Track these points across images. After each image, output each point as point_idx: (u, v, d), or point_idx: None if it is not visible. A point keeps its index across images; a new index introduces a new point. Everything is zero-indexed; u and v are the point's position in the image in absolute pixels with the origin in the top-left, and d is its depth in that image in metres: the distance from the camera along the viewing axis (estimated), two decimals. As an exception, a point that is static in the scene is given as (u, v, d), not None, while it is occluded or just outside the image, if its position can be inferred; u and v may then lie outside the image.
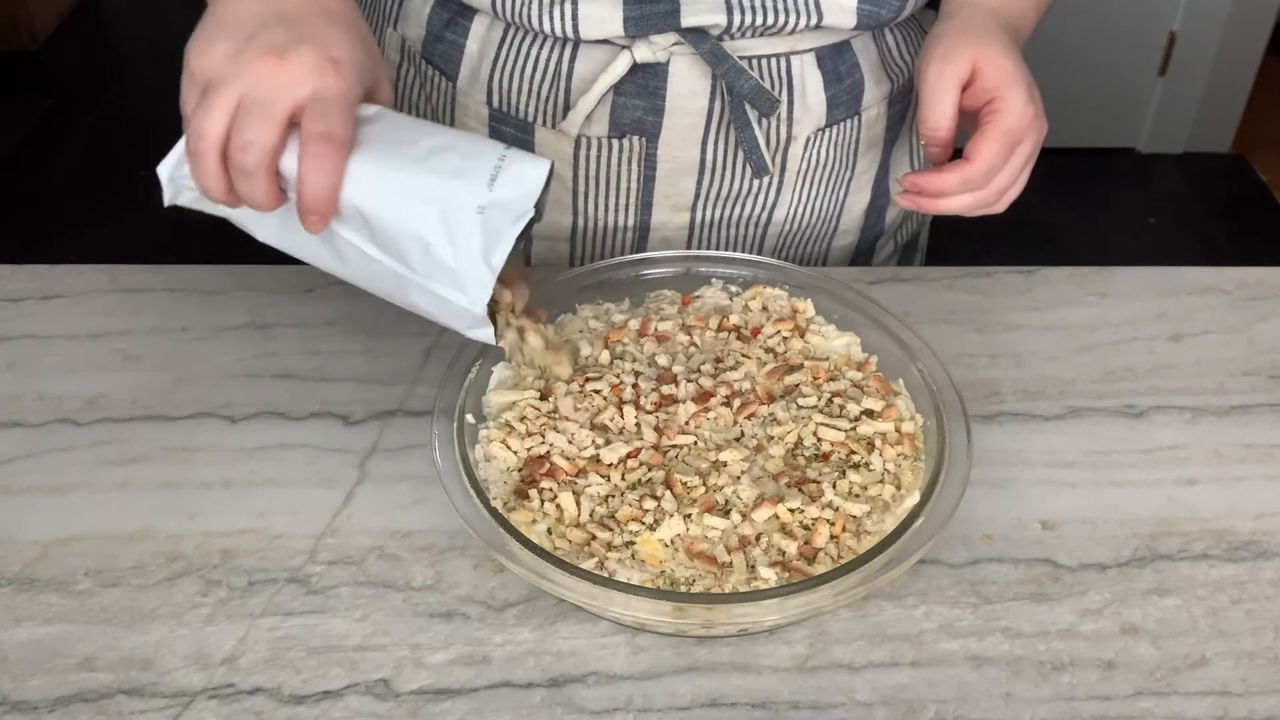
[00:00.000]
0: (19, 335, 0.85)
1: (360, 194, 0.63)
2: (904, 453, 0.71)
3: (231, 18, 0.65)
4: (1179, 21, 2.66)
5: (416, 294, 0.66)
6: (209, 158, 0.62)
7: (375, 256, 0.65)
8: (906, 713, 0.63)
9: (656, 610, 0.61)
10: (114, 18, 3.45)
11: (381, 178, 0.63)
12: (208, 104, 0.62)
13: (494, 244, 0.63)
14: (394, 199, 0.63)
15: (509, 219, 0.63)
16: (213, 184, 0.63)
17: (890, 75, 0.91)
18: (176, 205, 0.70)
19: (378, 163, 0.63)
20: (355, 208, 0.63)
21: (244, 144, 0.61)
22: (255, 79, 0.62)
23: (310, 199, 0.62)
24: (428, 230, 0.63)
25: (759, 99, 0.83)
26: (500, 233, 0.63)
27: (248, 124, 0.61)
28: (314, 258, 0.68)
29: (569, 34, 0.81)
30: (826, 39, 0.86)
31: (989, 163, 0.76)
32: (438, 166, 0.64)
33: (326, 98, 0.62)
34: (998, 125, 0.76)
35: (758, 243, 0.95)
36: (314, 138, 0.61)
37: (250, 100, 0.61)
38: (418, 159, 0.64)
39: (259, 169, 0.62)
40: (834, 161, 0.93)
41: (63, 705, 0.62)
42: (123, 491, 0.74)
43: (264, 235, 0.69)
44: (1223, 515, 0.74)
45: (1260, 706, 0.64)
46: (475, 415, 0.73)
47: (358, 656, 0.65)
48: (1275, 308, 0.91)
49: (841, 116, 0.90)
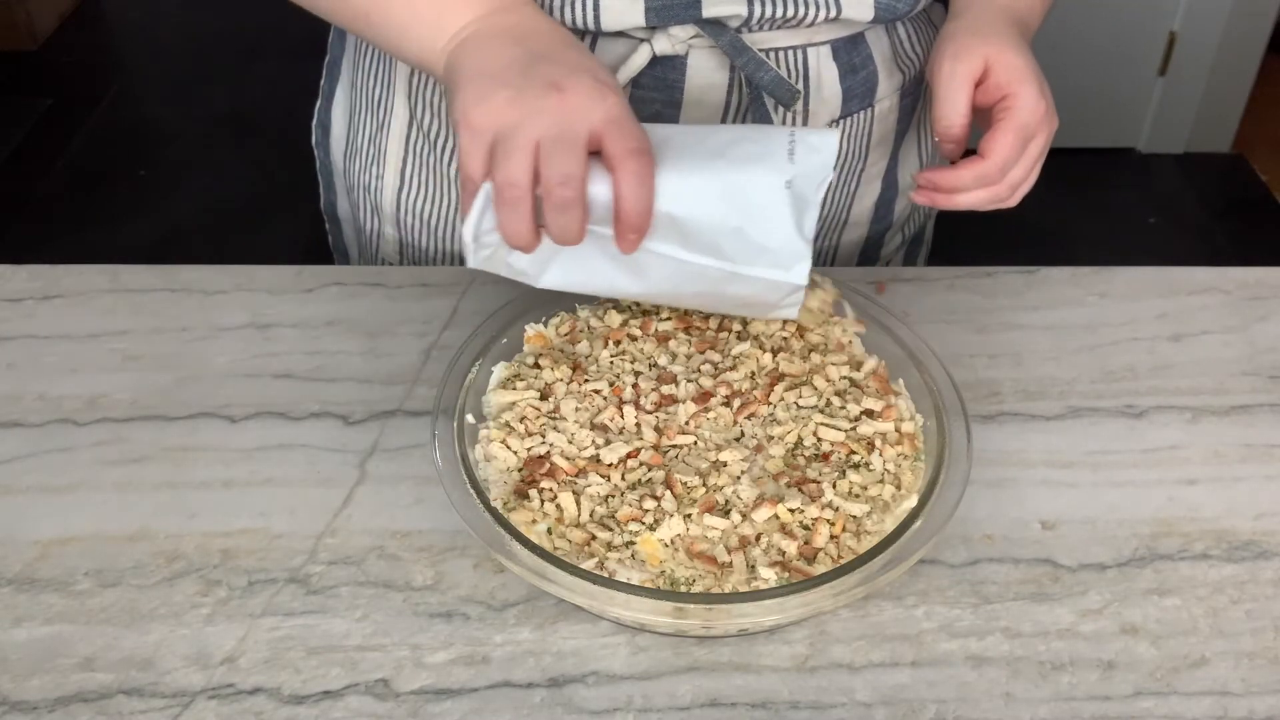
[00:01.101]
0: (19, 335, 0.85)
1: (669, 200, 0.65)
2: (904, 453, 0.71)
3: (494, 68, 0.66)
4: (1179, 21, 2.66)
5: (732, 286, 0.68)
6: (524, 203, 0.63)
7: (686, 259, 0.67)
8: (906, 713, 0.63)
9: (656, 610, 0.61)
10: (114, 18, 3.45)
11: (686, 179, 0.65)
12: (508, 151, 0.63)
13: (804, 213, 0.66)
14: (704, 196, 0.65)
15: (813, 185, 0.67)
16: (524, 229, 0.64)
17: (902, 67, 0.92)
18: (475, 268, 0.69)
19: (678, 167, 0.65)
20: (666, 214, 0.65)
21: (562, 178, 0.62)
22: (547, 117, 0.63)
23: (633, 214, 0.63)
24: (741, 217, 0.65)
25: (779, 90, 0.83)
26: (808, 200, 0.67)
27: (555, 159, 0.62)
28: (606, 283, 0.70)
29: (589, 25, 0.82)
30: (842, 31, 0.86)
31: (1004, 158, 0.77)
32: (737, 157, 0.66)
33: (617, 116, 0.64)
34: (1011, 121, 0.77)
35: None
36: (625, 154, 0.63)
37: (549, 137, 0.62)
38: (715, 154, 0.66)
39: (577, 200, 0.63)
40: (847, 154, 0.93)
41: (63, 705, 0.62)
42: (123, 491, 0.74)
43: (549, 279, 0.70)
44: (1223, 515, 0.74)
45: (1260, 706, 0.64)
46: (475, 415, 0.73)
47: (358, 656, 0.65)
48: (1275, 308, 0.91)
49: (855, 109, 0.91)
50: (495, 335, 0.76)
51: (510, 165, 0.63)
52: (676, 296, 0.73)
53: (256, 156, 2.70)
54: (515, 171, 0.63)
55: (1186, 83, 2.75)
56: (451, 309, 0.87)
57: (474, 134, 0.64)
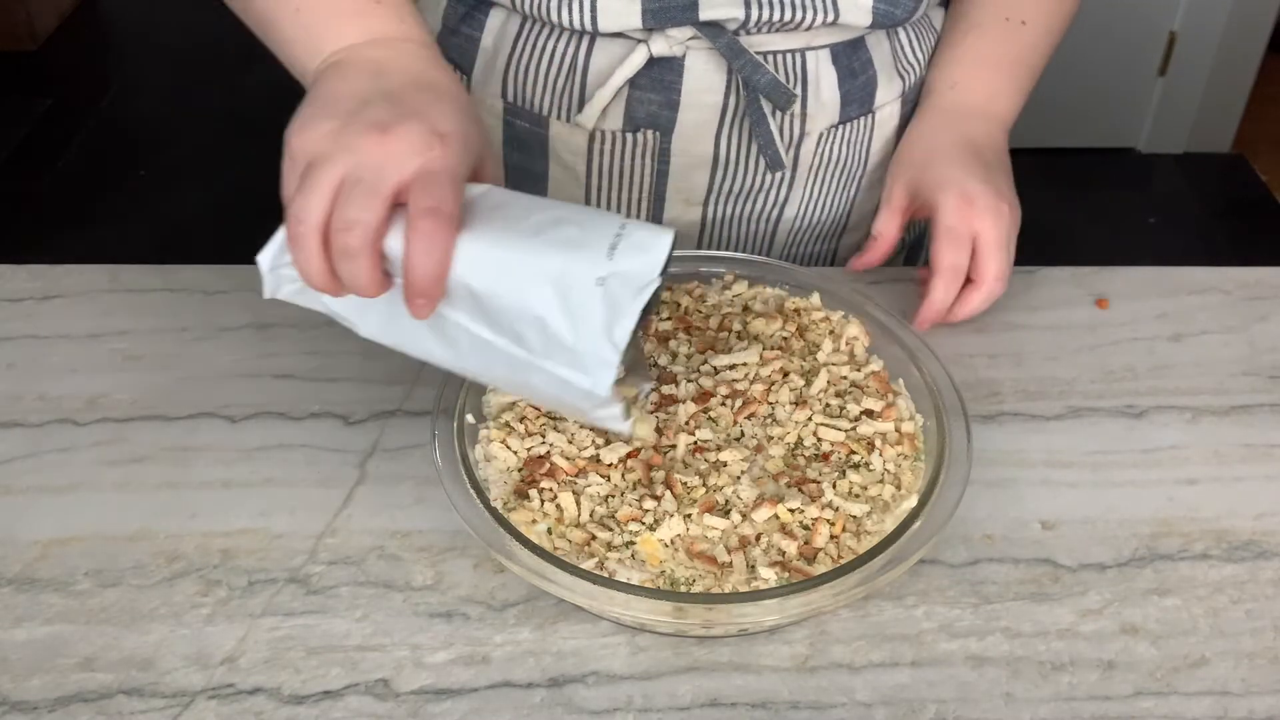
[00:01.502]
0: (19, 335, 0.85)
1: (471, 272, 0.59)
2: (904, 453, 0.71)
3: (333, 96, 0.63)
4: (1179, 21, 2.66)
5: (535, 377, 0.61)
6: (310, 240, 0.59)
7: (488, 339, 0.61)
8: (906, 713, 0.63)
9: (656, 610, 0.61)
10: (114, 18, 3.45)
11: (493, 254, 0.59)
12: (308, 184, 0.59)
13: (616, 318, 0.58)
14: (507, 275, 0.59)
15: (631, 290, 0.58)
16: (314, 269, 0.60)
17: (901, 73, 0.92)
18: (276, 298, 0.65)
19: (488, 238, 0.60)
20: (466, 287, 0.59)
21: (347, 223, 0.58)
22: (358, 156, 0.59)
23: (419, 279, 0.58)
24: (544, 306, 0.59)
25: (775, 93, 0.83)
26: (623, 305, 0.58)
27: (350, 202, 0.58)
28: (422, 349, 0.64)
29: (587, 26, 0.82)
30: (841, 35, 0.87)
31: (950, 261, 0.82)
32: (553, 239, 0.60)
33: (433, 171, 0.59)
34: (939, 229, 0.83)
35: (768, 239, 0.96)
36: (422, 213, 0.58)
37: (353, 178, 0.58)
38: (531, 232, 0.60)
39: (362, 250, 0.58)
40: (847, 159, 0.93)
41: (63, 705, 0.62)
42: (123, 491, 0.74)
43: (367, 330, 0.65)
44: (1223, 515, 0.74)
45: (1260, 706, 0.64)
46: (475, 415, 0.73)
47: (358, 656, 0.65)
48: (1275, 308, 0.91)
49: (855, 114, 0.91)
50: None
51: (303, 199, 0.59)
52: (490, 377, 0.66)
53: (256, 156, 2.68)
54: (306, 205, 0.59)
55: (1186, 83, 2.75)
56: (451, 309, 0.87)
57: (291, 159, 0.61)
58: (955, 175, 0.84)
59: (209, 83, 3.03)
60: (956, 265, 0.83)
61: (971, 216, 0.82)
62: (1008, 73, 0.92)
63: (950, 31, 0.94)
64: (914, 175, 0.87)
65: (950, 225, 0.82)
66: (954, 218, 0.82)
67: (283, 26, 0.70)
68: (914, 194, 0.86)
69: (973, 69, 0.92)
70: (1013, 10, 0.92)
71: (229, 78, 3.03)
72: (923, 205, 0.85)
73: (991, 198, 0.83)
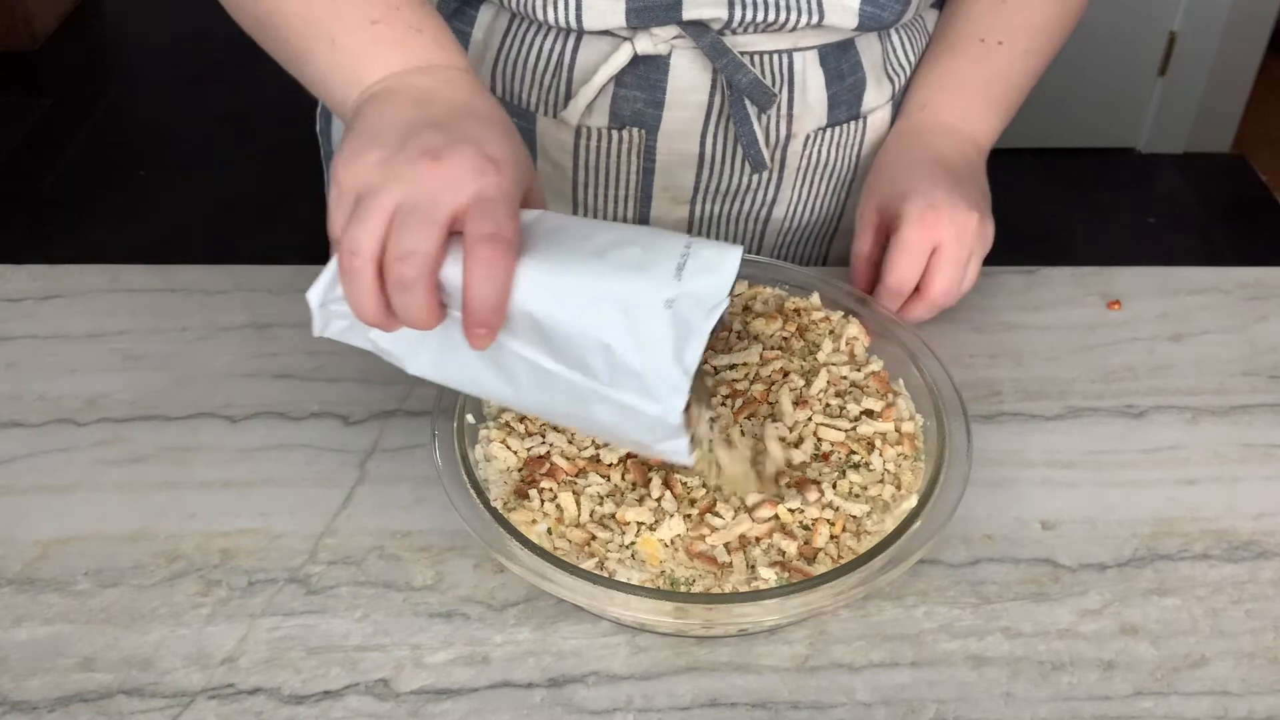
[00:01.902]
0: (19, 335, 0.85)
1: (532, 298, 0.57)
2: (904, 453, 0.71)
3: (379, 127, 0.61)
4: (1179, 21, 2.66)
5: (600, 408, 0.59)
6: (365, 273, 0.57)
7: (551, 369, 0.58)
8: (906, 713, 0.63)
9: (656, 610, 0.61)
10: (114, 18, 3.45)
11: (555, 279, 0.57)
12: (360, 215, 0.57)
13: (686, 341, 0.56)
14: (571, 300, 0.57)
15: (702, 311, 0.56)
16: (368, 304, 0.58)
17: (891, 77, 0.92)
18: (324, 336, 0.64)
19: (550, 264, 0.57)
20: (527, 315, 0.57)
21: (403, 253, 0.56)
22: (411, 184, 0.57)
23: (480, 307, 0.56)
24: (610, 332, 0.56)
25: (756, 93, 0.83)
26: (693, 327, 0.56)
27: (406, 231, 0.56)
28: (476, 384, 0.62)
29: (572, 24, 0.82)
30: (830, 37, 0.86)
31: (898, 275, 0.81)
32: (617, 261, 0.57)
33: (489, 197, 0.57)
34: (897, 240, 0.81)
35: (757, 239, 0.96)
36: (480, 240, 0.56)
37: (407, 207, 0.56)
38: (594, 255, 0.58)
39: (419, 280, 0.56)
40: (835, 162, 0.93)
41: (63, 705, 0.62)
42: (123, 491, 0.74)
43: (417, 367, 0.63)
44: (1223, 515, 0.74)
45: (1260, 706, 0.64)
46: (475, 415, 0.73)
47: (358, 656, 0.65)
48: (1275, 308, 0.91)
49: (844, 117, 0.90)
50: (495, 335, 0.76)
51: (355, 231, 0.57)
52: (549, 411, 0.63)
53: (256, 156, 2.69)
54: (359, 237, 0.57)
55: (1186, 83, 2.75)
56: (451, 309, 0.87)
57: (340, 192, 0.59)
58: (921, 186, 0.83)
59: (209, 83, 3.03)
60: (903, 281, 0.81)
61: (935, 227, 0.80)
62: (981, 93, 0.90)
63: (927, 53, 0.94)
64: (883, 191, 0.86)
65: (907, 238, 0.80)
66: (914, 229, 0.80)
67: (318, 58, 0.68)
68: (883, 209, 0.85)
69: (943, 90, 0.91)
70: (989, 31, 0.90)
71: (229, 78, 3.03)
72: (892, 218, 0.83)
73: (959, 209, 0.81)
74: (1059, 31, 0.92)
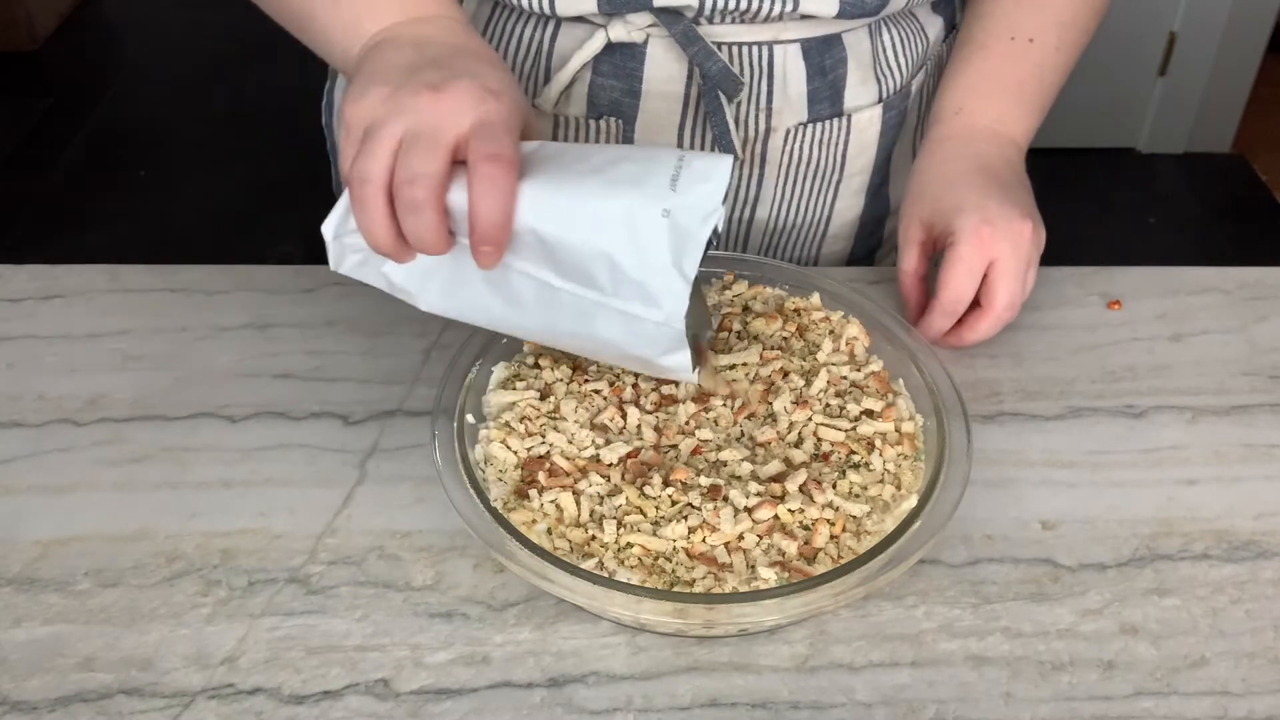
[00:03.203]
0: (19, 335, 0.85)
1: (535, 216, 0.60)
2: (904, 453, 0.71)
3: (381, 68, 0.65)
4: (1179, 21, 2.66)
5: (603, 322, 0.62)
6: (376, 200, 0.60)
7: (557, 285, 0.62)
8: (906, 713, 0.63)
9: (657, 610, 0.61)
10: (114, 18, 3.45)
11: (556, 197, 0.60)
12: (368, 146, 0.60)
13: (684, 247, 0.59)
14: (572, 216, 0.60)
15: (698, 218, 0.59)
16: (380, 231, 0.61)
17: (879, 77, 0.91)
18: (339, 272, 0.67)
19: (551, 183, 0.61)
20: (532, 232, 0.60)
21: (410, 176, 0.59)
22: (415, 114, 0.60)
23: (485, 224, 0.59)
24: (612, 243, 0.59)
25: (725, 81, 0.83)
26: (690, 234, 0.59)
27: (412, 156, 0.59)
28: (487, 310, 0.66)
29: (546, 10, 0.82)
30: (814, 30, 0.86)
31: (953, 292, 0.80)
32: (614, 177, 0.60)
33: (490, 122, 0.61)
34: (952, 257, 0.80)
35: (741, 240, 0.95)
36: (483, 158, 0.59)
37: (413, 134, 0.60)
38: (592, 173, 0.61)
39: (428, 201, 0.59)
40: (819, 160, 0.92)
41: (63, 705, 0.62)
42: (123, 491, 0.74)
43: (427, 302, 0.66)
44: (1223, 515, 0.74)
45: (1260, 706, 0.64)
46: (475, 415, 0.73)
47: (358, 656, 0.65)
48: (1275, 308, 0.91)
49: (825, 114, 0.90)
50: (495, 335, 0.76)
51: (363, 160, 0.60)
52: (554, 334, 0.67)
53: (256, 156, 2.69)
54: (368, 166, 0.60)
55: (1186, 83, 2.75)
56: (451, 309, 0.87)
57: (348, 130, 0.63)
58: (973, 199, 0.81)
59: (209, 83, 3.04)
60: (959, 298, 0.81)
61: (991, 242, 0.79)
62: (1014, 93, 0.89)
63: (955, 54, 0.92)
64: (930, 206, 0.84)
65: (963, 254, 0.80)
66: (969, 245, 0.79)
67: (319, 16, 0.72)
68: (930, 225, 0.83)
69: (978, 92, 0.89)
70: (1018, 29, 0.89)
71: (229, 78, 3.04)
72: (941, 234, 0.82)
73: (1014, 220, 0.80)
74: (1086, 25, 0.91)
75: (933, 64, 0.96)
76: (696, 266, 0.60)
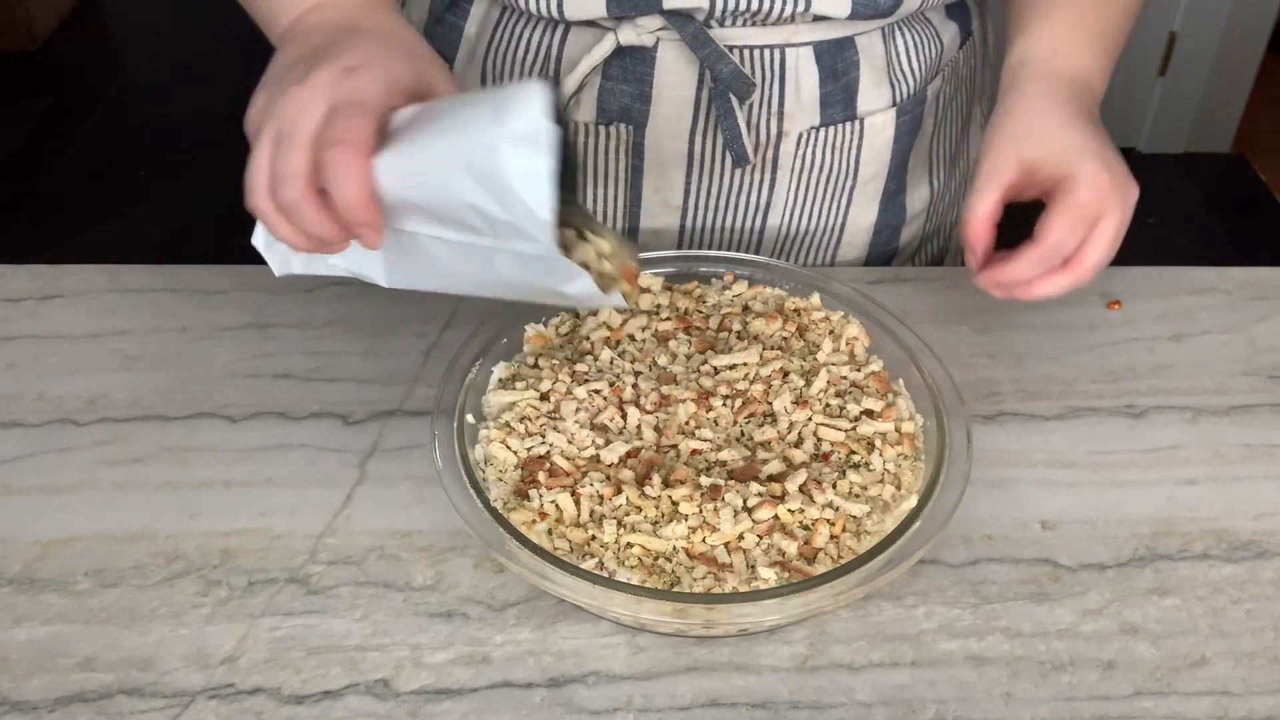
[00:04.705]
0: (19, 335, 0.85)
1: (402, 186, 0.61)
2: (904, 453, 0.71)
3: (271, 71, 0.66)
4: (1179, 21, 2.66)
5: (503, 264, 0.64)
6: (268, 208, 0.62)
7: (455, 239, 0.63)
8: (906, 713, 0.63)
9: (656, 610, 0.61)
10: (114, 18, 3.45)
11: (409, 163, 0.61)
12: (252, 157, 0.62)
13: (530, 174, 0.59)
14: (428, 177, 0.61)
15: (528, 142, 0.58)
16: (289, 235, 0.62)
17: (893, 81, 0.89)
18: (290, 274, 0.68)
19: (404, 151, 0.61)
20: (406, 201, 0.62)
21: (279, 180, 0.60)
22: (278, 116, 0.61)
23: (343, 208, 0.60)
24: (469, 192, 0.60)
25: (736, 83, 0.82)
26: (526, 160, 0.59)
27: (278, 160, 0.61)
28: (427, 279, 0.67)
29: (554, 14, 0.82)
30: (827, 33, 0.85)
31: (1058, 239, 0.73)
32: (445, 129, 0.61)
33: (343, 104, 0.61)
34: (1068, 201, 0.73)
35: (753, 247, 0.95)
36: (324, 147, 0.60)
37: (276, 137, 0.61)
38: (434, 132, 0.62)
39: (301, 200, 0.60)
40: (832, 166, 0.91)
41: (63, 705, 0.62)
42: (123, 491, 0.74)
43: (385, 279, 0.68)
44: (1223, 515, 0.74)
45: (1260, 706, 0.64)
46: (475, 415, 0.73)
47: (358, 656, 0.65)
48: (1275, 308, 0.91)
49: (838, 117, 0.89)
50: (495, 335, 0.76)
51: (249, 172, 0.62)
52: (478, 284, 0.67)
53: (256, 157, 2.69)
54: (252, 176, 0.62)
55: (1186, 83, 2.75)
56: (451, 309, 0.87)
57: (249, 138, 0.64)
58: (1092, 146, 0.75)
59: (209, 83, 3.03)
60: (1062, 246, 0.73)
61: (1110, 195, 0.73)
62: (1099, 46, 0.83)
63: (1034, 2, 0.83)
64: (1037, 146, 0.75)
65: (1083, 200, 0.73)
66: (1089, 192, 0.73)
67: (258, 8, 0.74)
68: (1035, 167, 0.75)
69: (1072, 38, 0.81)
70: None
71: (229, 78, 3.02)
72: (1048, 177, 0.75)
73: (1129, 179, 0.75)
74: None
75: (949, 72, 0.95)
76: (548, 188, 0.58)
